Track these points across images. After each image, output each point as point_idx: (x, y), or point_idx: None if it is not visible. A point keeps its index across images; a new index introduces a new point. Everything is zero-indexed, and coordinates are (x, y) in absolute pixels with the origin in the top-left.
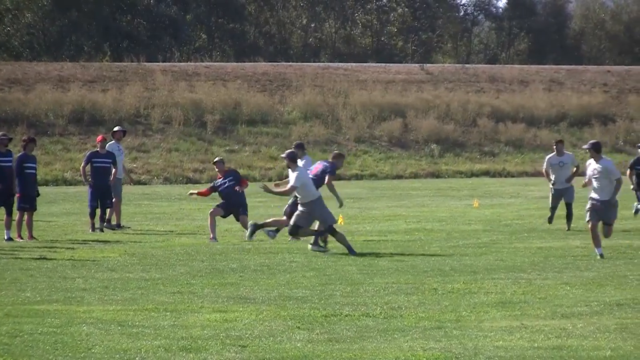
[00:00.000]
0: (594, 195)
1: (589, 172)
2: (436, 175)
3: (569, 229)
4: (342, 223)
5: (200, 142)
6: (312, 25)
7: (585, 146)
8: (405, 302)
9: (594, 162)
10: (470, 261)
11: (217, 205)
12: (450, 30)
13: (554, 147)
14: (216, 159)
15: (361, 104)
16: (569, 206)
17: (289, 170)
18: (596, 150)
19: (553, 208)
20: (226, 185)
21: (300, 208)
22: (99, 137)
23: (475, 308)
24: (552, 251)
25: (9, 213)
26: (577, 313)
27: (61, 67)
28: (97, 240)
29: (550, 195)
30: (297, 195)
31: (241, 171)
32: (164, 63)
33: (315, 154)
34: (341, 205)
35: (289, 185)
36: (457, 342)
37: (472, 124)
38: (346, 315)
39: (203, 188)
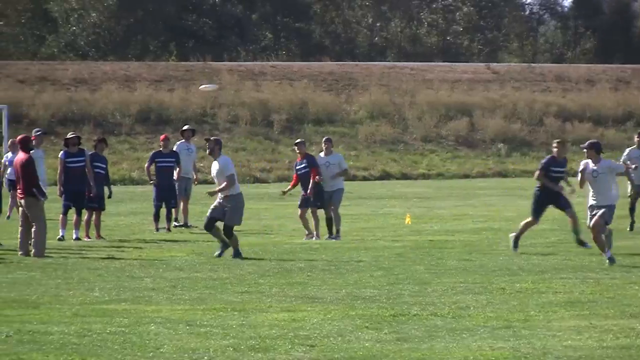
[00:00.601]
0: (592, 201)
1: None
2: (503, 174)
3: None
4: (410, 222)
5: (267, 141)
6: (378, 24)
7: (583, 145)
8: (473, 302)
9: (592, 163)
10: (538, 260)
11: (300, 205)
12: (516, 29)
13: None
14: (298, 140)
15: (428, 103)
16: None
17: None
18: (597, 151)
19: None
20: (302, 171)
21: (218, 200)
22: (162, 137)
23: (543, 307)
24: (620, 250)
25: (79, 213)
26: None
27: (127, 67)
28: (165, 240)
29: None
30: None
31: None
32: (230, 62)
33: (382, 153)
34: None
35: (227, 176)
36: (525, 341)
37: (538, 123)
38: (414, 315)
39: (290, 183)
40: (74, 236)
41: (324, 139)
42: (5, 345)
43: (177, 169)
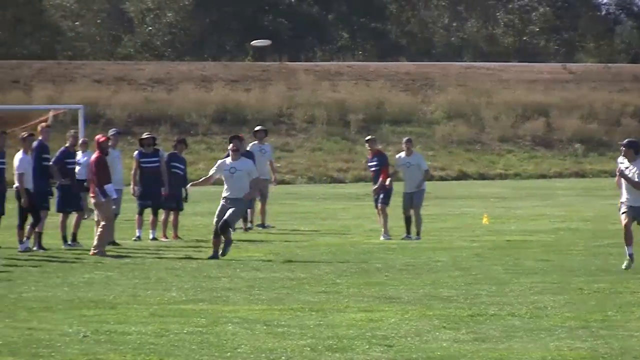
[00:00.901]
0: (626, 200)
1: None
2: (581, 174)
3: None
4: (487, 222)
5: (344, 141)
6: (454, 24)
7: (621, 143)
8: (551, 302)
9: (627, 162)
10: (616, 261)
11: (376, 201)
12: (593, 29)
13: None
14: (368, 137)
15: (504, 103)
16: None
17: (231, 159)
18: (635, 151)
19: None
20: (373, 168)
21: (224, 203)
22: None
23: (621, 308)
24: None
25: (155, 213)
26: None
27: (204, 67)
28: (242, 240)
29: None
30: (227, 186)
31: None
32: (307, 62)
33: (459, 153)
34: None
35: (256, 179)
36: (603, 342)
37: (616, 123)
38: (492, 315)
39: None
40: (151, 236)
41: (404, 139)
42: (83, 345)
43: None
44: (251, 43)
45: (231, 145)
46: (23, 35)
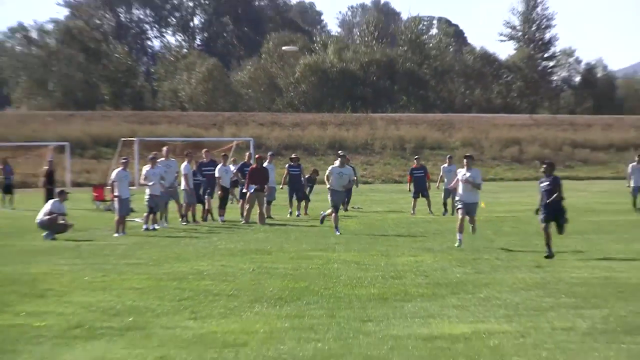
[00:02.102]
0: None
1: None
2: None
3: None
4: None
5: None
6: None
7: None
8: None
9: None
10: None
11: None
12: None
13: None
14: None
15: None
16: None
17: (338, 167)
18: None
19: None
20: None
21: (334, 193)
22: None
23: None
24: None
25: (299, 200)
26: None
27: (322, 116)
28: (343, 216)
29: None
30: (336, 183)
31: None
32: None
33: None
34: None
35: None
36: None
37: None
38: None
39: None
40: (297, 213)
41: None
42: (252, 275)
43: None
44: (283, 48)
45: (338, 160)
46: (218, 98)
